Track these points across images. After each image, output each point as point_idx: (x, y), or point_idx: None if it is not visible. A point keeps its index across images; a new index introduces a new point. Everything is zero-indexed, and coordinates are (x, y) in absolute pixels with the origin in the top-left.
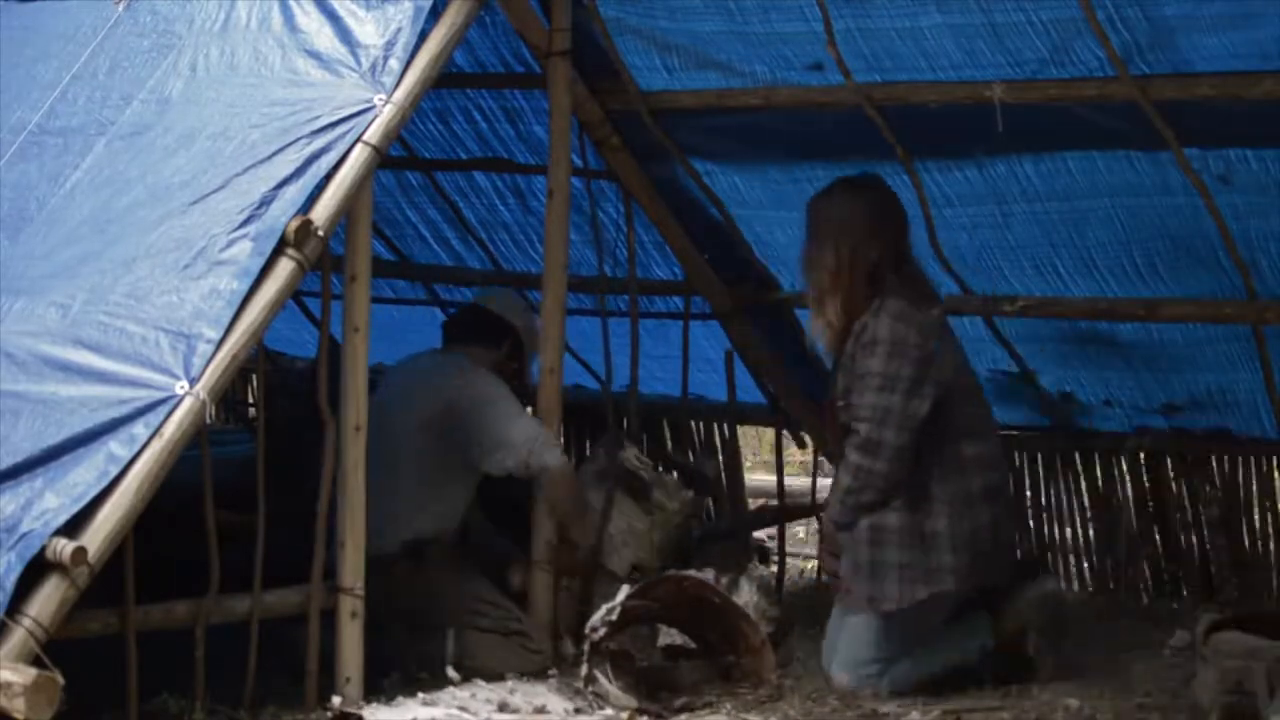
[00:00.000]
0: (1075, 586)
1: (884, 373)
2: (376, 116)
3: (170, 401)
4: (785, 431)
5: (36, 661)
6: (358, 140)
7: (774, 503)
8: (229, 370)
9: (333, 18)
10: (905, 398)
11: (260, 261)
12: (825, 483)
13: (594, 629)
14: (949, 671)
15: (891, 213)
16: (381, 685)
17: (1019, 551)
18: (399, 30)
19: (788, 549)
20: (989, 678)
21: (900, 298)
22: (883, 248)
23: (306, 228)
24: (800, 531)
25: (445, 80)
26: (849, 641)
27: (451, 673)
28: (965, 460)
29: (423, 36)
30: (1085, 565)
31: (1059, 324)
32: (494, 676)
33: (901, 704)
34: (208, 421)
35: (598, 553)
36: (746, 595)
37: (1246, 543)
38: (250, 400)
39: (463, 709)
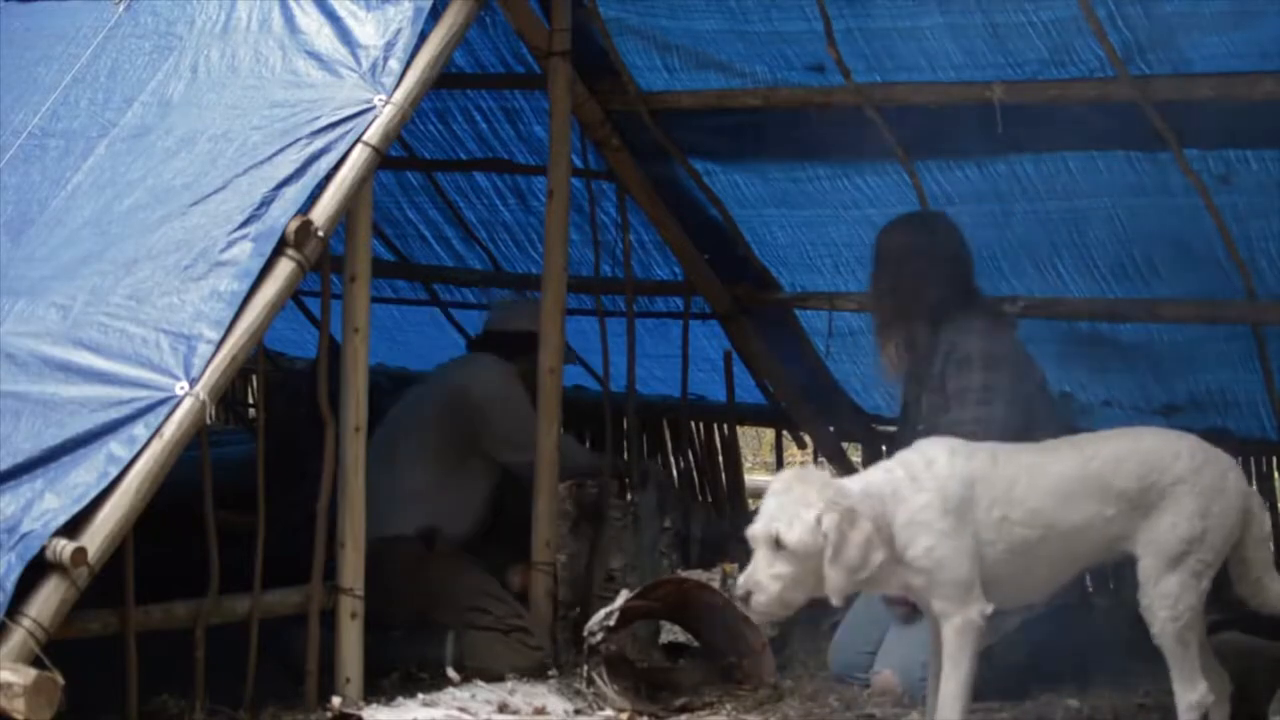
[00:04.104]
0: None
1: (983, 386)
2: (376, 117)
3: (170, 402)
4: (785, 431)
5: (36, 662)
6: (358, 141)
7: None
8: (229, 371)
9: (333, 18)
10: (1006, 408)
11: (260, 262)
12: None
13: (592, 632)
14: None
15: (952, 249)
16: (382, 685)
17: None
18: (399, 31)
19: None
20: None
21: (983, 316)
22: (943, 284)
23: (306, 228)
24: None
25: (445, 80)
26: (912, 640)
27: (451, 673)
28: None
29: (423, 37)
30: None
31: (1059, 324)
32: (494, 675)
33: (900, 705)
34: (208, 422)
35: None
36: None
37: None
38: (250, 400)
39: (462, 710)
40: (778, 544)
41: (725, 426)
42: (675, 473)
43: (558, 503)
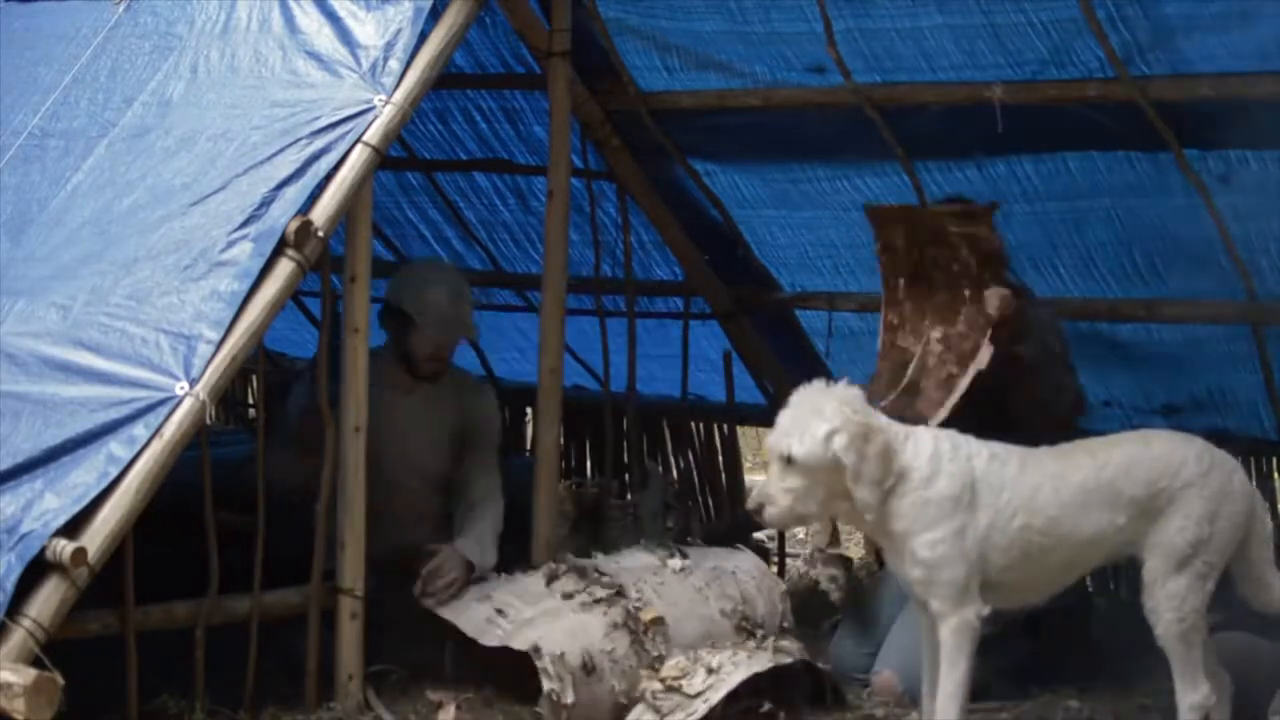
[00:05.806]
0: None
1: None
2: (376, 117)
3: (170, 402)
4: None
5: (36, 662)
6: (358, 141)
7: None
8: (229, 371)
9: (333, 18)
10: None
11: (260, 262)
12: None
13: None
14: (991, 678)
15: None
16: (382, 686)
17: None
18: (399, 31)
19: (787, 549)
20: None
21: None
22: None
23: (306, 228)
24: (800, 532)
25: (445, 81)
26: (912, 640)
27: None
28: None
29: (423, 37)
30: None
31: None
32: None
33: (900, 705)
34: (208, 422)
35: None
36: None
37: None
38: (250, 400)
39: None
40: (789, 458)
41: (725, 426)
42: (675, 473)
43: (558, 503)
